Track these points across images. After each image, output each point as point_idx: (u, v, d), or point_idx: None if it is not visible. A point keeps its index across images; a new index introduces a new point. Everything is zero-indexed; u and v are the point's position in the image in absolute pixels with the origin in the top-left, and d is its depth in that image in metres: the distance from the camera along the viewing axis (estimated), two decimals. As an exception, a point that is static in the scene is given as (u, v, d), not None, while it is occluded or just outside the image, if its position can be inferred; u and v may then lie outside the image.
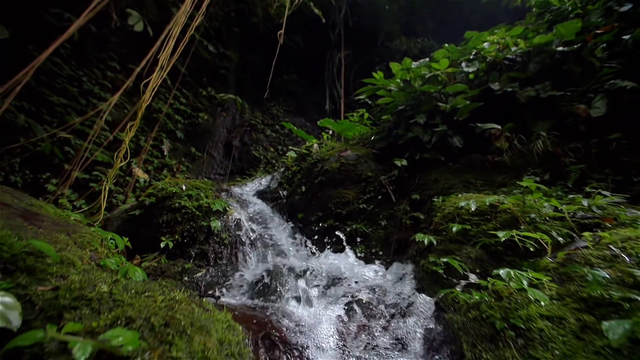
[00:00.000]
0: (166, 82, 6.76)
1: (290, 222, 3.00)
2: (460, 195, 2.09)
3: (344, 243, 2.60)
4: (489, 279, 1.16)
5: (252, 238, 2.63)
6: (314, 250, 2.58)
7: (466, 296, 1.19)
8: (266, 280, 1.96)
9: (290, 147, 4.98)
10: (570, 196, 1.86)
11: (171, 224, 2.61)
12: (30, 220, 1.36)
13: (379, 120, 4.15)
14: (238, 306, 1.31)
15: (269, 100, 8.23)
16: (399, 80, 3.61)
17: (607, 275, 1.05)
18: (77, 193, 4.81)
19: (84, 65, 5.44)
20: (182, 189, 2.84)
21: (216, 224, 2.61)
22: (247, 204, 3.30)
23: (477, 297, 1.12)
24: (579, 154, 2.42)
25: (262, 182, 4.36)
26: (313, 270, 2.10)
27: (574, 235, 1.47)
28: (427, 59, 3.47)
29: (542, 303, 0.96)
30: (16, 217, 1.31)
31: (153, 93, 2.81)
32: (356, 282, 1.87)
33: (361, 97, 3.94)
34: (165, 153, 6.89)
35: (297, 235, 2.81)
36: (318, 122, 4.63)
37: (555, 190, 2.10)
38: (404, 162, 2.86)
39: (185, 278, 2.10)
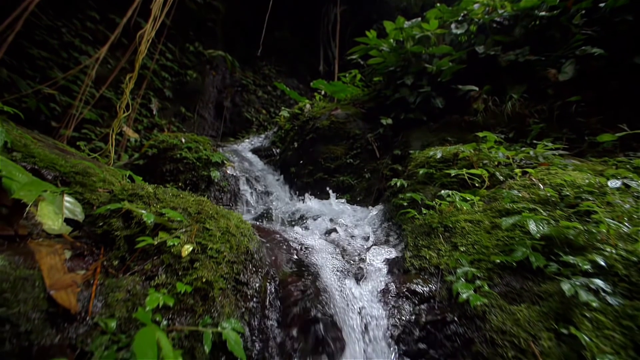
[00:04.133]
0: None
1: (283, 175, 3.36)
2: (433, 148, 2.46)
3: (332, 192, 3.00)
4: (435, 200, 1.57)
5: (249, 186, 2.99)
6: (304, 198, 2.98)
7: (419, 215, 1.60)
8: (264, 217, 2.36)
9: (283, 108, 5.17)
10: (523, 148, 2.25)
11: (174, 173, 2.93)
12: (64, 152, 1.65)
13: (370, 82, 4.35)
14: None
15: (260, 59, 8.09)
16: (391, 41, 3.74)
17: (519, 194, 1.47)
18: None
19: (62, 15, 5.22)
20: (181, 141, 3.10)
21: (216, 174, 2.94)
22: (243, 158, 3.61)
23: (425, 212, 1.53)
24: (543, 115, 2.77)
25: (255, 141, 4.63)
26: (304, 210, 2.51)
27: (514, 175, 1.88)
28: (420, 19, 3.59)
29: (465, 208, 1.38)
30: (53, 149, 1.60)
31: (148, 45, 2.91)
32: (339, 217, 2.30)
33: (354, 57, 4.08)
34: (154, 112, 6.92)
35: (289, 186, 3.19)
36: (311, 84, 4.77)
37: (514, 146, 2.48)
38: (389, 121, 3.17)
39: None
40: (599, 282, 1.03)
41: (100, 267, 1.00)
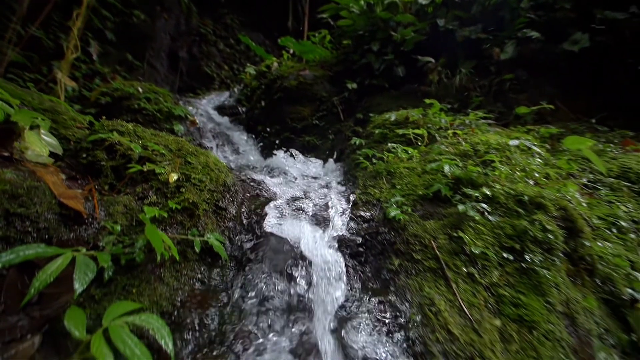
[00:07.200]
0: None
1: (250, 133, 3.53)
2: (389, 112, 2.84)
3: (298, 151, 3.30)
4: (384, 152, 1.97)
5: (214, 143, 3.14)
6: (272, 155, 3.23)
7: (371, 165, 2.00)
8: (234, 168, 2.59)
9: (248, 65, 5.10)
10: (462, 117, 2.75)
11: (133, 124, 2.93)
12: (27, 92, 1.66)
13: (339, 44, 4.50)
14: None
15: (222, 6, 7.52)
16: (362, 3, 3.89)
17: (447, 149, 1.93)
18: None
19: None
20: (138, 91, 3.06)
21: (179, 128, 3.02)
22: (206, 115, 3.66)
23: (375, 162, 1.93)
24: (484, 90, 3.31)
25: (218, 98, 4.60)
26: (271, 166, 2.79)
27: (448, 136, 2.36)
28: (390, -17, 3.76)
29: (405, 158, 1.80)
30: (16, 88, 1.61)
31: (95, -24, 2.66)
32: (304, 171, 2.63)
33: (324, 15, 4.15)
34: (94, 57, 6.23)
35: (257, 144, 3.40)
36: (279, 40, 4.74)
37: (457, 115, 2.99)
38: (355, 86, 3.47)
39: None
40: (484, 205, 1.53)
41: (94, 188, 1.21)
